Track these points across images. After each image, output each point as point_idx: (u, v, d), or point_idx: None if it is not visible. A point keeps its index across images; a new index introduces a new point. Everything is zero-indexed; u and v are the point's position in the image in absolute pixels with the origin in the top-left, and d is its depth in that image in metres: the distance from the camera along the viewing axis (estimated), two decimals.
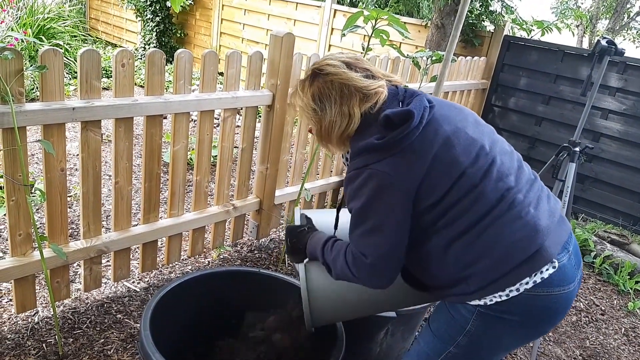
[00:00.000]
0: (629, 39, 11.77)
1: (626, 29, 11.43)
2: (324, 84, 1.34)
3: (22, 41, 5.60)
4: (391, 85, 1.39)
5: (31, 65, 1.83)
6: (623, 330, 2.96)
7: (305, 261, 1.55)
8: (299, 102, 1.41)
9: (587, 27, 10.90)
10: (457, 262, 1.26)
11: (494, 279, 1.23)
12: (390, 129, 1.24)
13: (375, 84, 1.33)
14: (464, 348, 1.32)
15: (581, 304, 3.16)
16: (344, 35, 2.38)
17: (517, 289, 1.23)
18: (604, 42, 2.33)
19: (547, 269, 1.23)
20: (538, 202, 1.29)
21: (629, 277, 3.44)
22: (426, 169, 1.22)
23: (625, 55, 2.52)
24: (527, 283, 1.22)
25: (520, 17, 5.04)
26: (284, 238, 1.66)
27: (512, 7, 5.04)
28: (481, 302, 1.26)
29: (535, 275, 1.23)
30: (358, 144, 1.31)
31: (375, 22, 2.38)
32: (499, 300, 1.25)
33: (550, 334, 2.79)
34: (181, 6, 7.28)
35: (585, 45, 10.98)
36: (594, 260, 3.60)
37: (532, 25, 5.12)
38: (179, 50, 2.27)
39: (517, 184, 1.27)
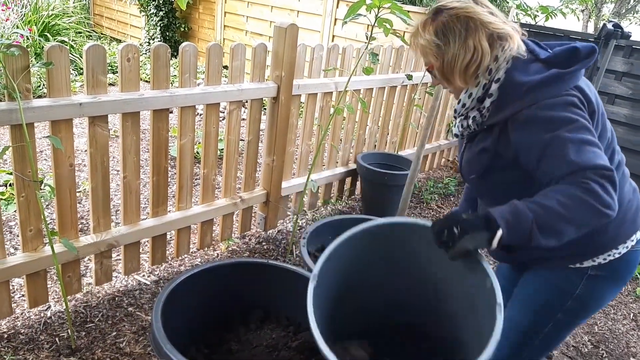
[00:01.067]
0: (635, 22, 11.63)
1: (632, 12, 11.29)
2: (448, 18, 1.30)
3: (28, 38, 5.62)
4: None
5: (37, 62, 1.84)
6: (632, 315, 2.96)
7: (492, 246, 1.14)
8: (420, 42, 1.35)
9: (592, 12, 10.77)
10: None
11: (617, 234, 1.33)
12: (575, 60, 1.26)
13: (501, 25, 1.29)
14: (571, 311, 1.41)
15: None
16: (345, 23, 2.37)
17: (627, 246, 1.35)
18: (610, 26, 2.31)
19: None
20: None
21: None
22: (594, 106, 1.27)
23: (631, 38, 2.50)
24: (633, 240, 1.36)
25: (525, 3, 4.99)
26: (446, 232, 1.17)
27: None
28: (595, 263, 1.35)
29: (638, 233, 1.37)
30: (529, 79, 1.24)
31: (378, 10, 2.37)
32: (612, 258, 1.35)
33: None
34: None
35: (591, 29, 10.86)
36: None
37: (537, 11, 5.07)
38: (183, 44, 2.27)
39: (623, 161, 1.41)
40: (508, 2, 4.88)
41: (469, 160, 1.45)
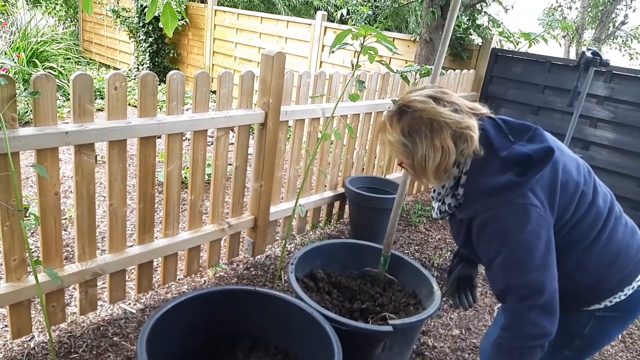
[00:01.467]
0: (615, 48, 11.94)
1: (612, 38, 11.60)
2: (412, 120, 1.33)
3: (16, 64, 5.62)
4: (487, 117, 1.41)
5: (25, 89, 1.84)
6: (620, 337, 2.97)
7: None
8: (388, 137, 1.39)
9: (573, 38, 11.05)
10: (594, 268, 1.36)
11: (620, 279, 1.36)
12: (528, 167, 1.26)
13: (466, 121, 1.32)
14: (578, 349, 1.46)
15: None
16: (332, 52, 2.42)
17: (633, 287, 1.38)
18: (588, 54, 2.38)
19: None
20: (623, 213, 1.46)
21: None
22: (558, 195, 1.29)
23: (610, 64, 2.57)
24: (638, 280, 1.38)
25: (507, 30, 5.12)
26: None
27: (498, 21, 5.12)
28: (602, 306, 1.39)
29: None
30: (487, 182, 1.29)
31: (364, 39, 2.42)
32: (618, 300, 1.38)
33: None
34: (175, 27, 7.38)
35: (573, 55, 11.12)
36: None
37: (519, 38, 5.20)
38: (171, 72, 2.29)
39: (607, 192, 1.43)
40: (491, 30, 5.00)
41: (452, 231, 1.55)
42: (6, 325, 2.26)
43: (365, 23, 5.43)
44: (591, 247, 1.35)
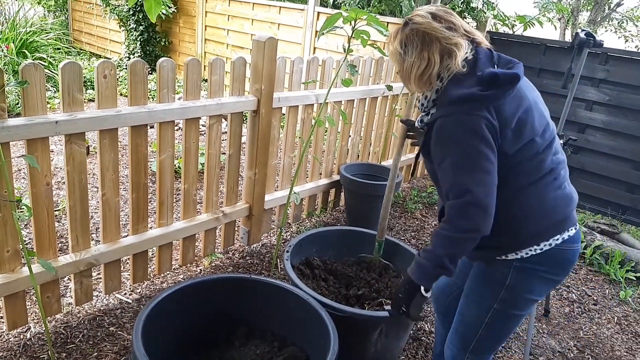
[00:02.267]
0: (611, 30, 11.90)
1: (607, 20, 11.55)
2: (410, 32, 1.50)
3: (5, 56, 5.55)
4: (485, 48, 1.54)
5: (14, 80, 1.82)
6: (616, 319, 2.99)
7: (424, 291, 1.51)
8: (390, 47, 1.57)
9: (568, 20, 11.00)
10: (515, 216, 1.48)
11: (537, 232, 1.48)
12: (494, 86, 1.39)
13: (455, 38, 1.47)
14: (506, 301, 1.55)
15: (573, 295, 3.18)
16: (322, 34, 2.39)
17: (550, 244, 1.49)
18: (582, 35, 2.36)
19: (571, 230, 1.53)
20: (568, 177, 1.58)
21: (619, 266, 3.48)
22: (513, 124, 1.41)
23: (604, 46, 2.55)
24: (557, 239, 1.50)
25: (502, 13, 5.08)
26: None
27: (493, 3, 5.08)
28: (518, 256, 1.50)
29: (564, 233, 1.50)
30: (456, 92, 1.42)
31: (355, 22, 2.39)
32: (533, 253, 1.49)
33: (544, 325, 2.81)
34: (164, 14, 7.29)
35: (568, 37, 11.07)
36: (585, 250, 3.63)
37: (514, 20, 5.17)
38: (161, 60, 2.26)
39: (563, 161, 1.55)
40: (485, 13, 4.96)
41: (425, 166, 1.67)
42: (1, 317, 2.25)
43: (358, 7, 5.37)
44: (520, 192, 1.47)
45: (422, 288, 1.50)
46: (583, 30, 2.39)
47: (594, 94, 4.22)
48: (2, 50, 5.63)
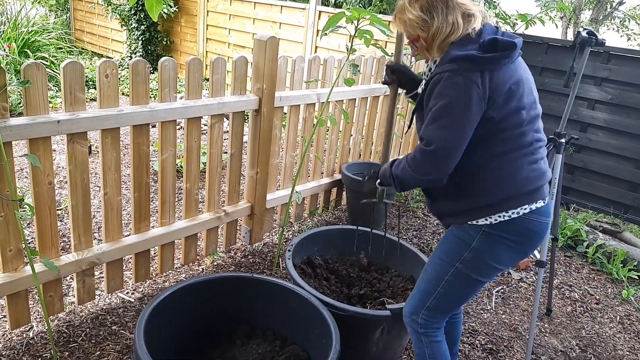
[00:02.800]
0: (613, 29, 11.87)
1: (609, 18, 11.53)
2: None
3: (7, 55, 5.56)
4: (491, 24, 1.60)
5: (17, 79, 1.82)
6: (618, 318, 2.98)
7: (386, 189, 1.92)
8: (408, 16, 1.60)
9: (570, 19, 10.98)
10: (487, 180, 1.56)
11: (507, 197, 1.55)
12: (492, 50, 1.48)
13: (473, 8, 1.56)
14: (469, 262, 1.61)
15: (576, 294, 3.18)
16: (324, 34, 2.39)
17: (517, 212, 1.55)
18: (584, 34, 2.35)
19: (540, 202, 1.59)
20: (544, 160, 1.65)
21: (622, 265, 3.47)
22: (502, 93, 1.49)
23: (606, 45, 2.54)
24: (525, 209, 1.56)
25: (504, 12, 5.07)
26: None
27: (494, 2, 5.07)
28: (487, 222, 1.57)
29: (532, 204, 1.57)
30: (457, 52, 1.50)
31: (358, 22, 2.39)
32: (502, 220, 1.56)
33: (546, 325, 2.81)
34: (166, 13, 7.29)
35: (570, 36, 11.05)
36: (587, 250, 3.63)
37: (516, 19, 5.15)
38: (162, 59, 2.27)
39: (542, 140, 1.63)
40: (487, 11, 4.95)
41: (416, 127, 1.72)
42: (4, 316, 2.26)
43: (359, 6, 5.36)
44: (497, 157, 1.54)
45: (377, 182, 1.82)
46: (585, 29, 2.38)
47: (596, 92, 4.21)
48: (4, 49, 5.64)
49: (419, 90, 1.76)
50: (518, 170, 1.56)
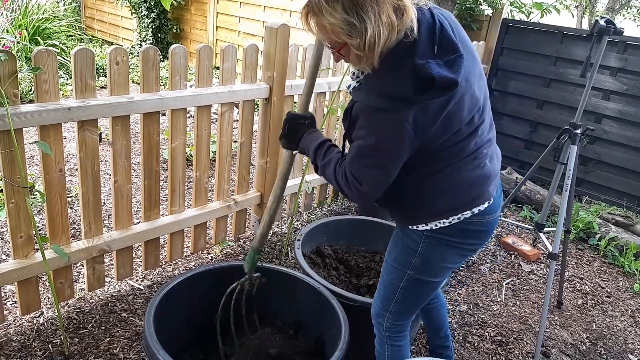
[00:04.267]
0: (629, 18, 11.65)
1: (626, 7, 11.32)
2: None
3: (18, 42, 5.58)
4: (428, 14, 1.32)
5: (28, 66, 1.82)
6: (629, 312, 2.95)
7: (294, 152, 1.74)
8: (327, 20, 1.25)
9: (586, 8, 10.79)
10: (425, 192, 1.47)
11: (445, 210, 1.47)
12: (429, 89, 1.23)
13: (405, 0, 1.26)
14: (418, 268, 1.56)
15: (587, 286, 3.15)
16: None
17: (458, 218, 1.48)
18: (602, 22, 2.30)
19: (482, 205, 1.49)
20: (493, 153, 1.53)
21: (634, 258, 3.43)
22: (439, 122, 1.32)
23: (624, 34, 2.48)
24: (466, 214, 1.48)
25: (518, 0, 4.99)
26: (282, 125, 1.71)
27: None
28: (428, 227, 1.49)
29: (474, 209, 1.48)
30: (387, 87, 1.28)
31: None
32: (442, 225, 1.49)
33: (556, 317, 2.79)
34: (176, 1, 7.26)
35: (585, 26, 10.88)
36: (599, 242, 3.59)
37: (530, 8, 5.07)
38: (173, 46, 2.25)
39: (488, 140, 1.49)
40: (501, 0, 4.87)
41: (344, 126, 1.61)
42: (15, 302, 2.28)
43: None
44: (435, 174, 1.44)
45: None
46: (603, 17, 2.33)
47: (612, 83, 4.14)
48: (15, 37, 5.65)
49: (350, 92, 1.50)
50: (458, 182, 1.45)
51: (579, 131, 2.46)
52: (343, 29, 1.24)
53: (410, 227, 1.53)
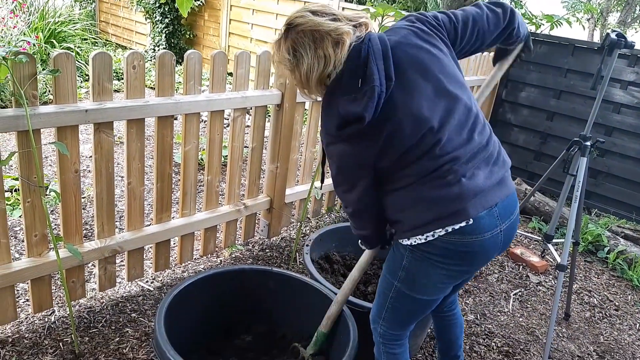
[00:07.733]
0: None
1: (638, 21, 11.29)
2: (296, 36, 1.43)
3: (34, 45, 5.67)
4: (356, 39, 1.43)
5: (43, 69, 1.86)
6: (637, 325, 2.94)
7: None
8: (275, 59, 1.53)
9: (598, 20, 10.77)
10: (391, 208, 1.53)
11: (415, 226, 1.48)
12: (348, 124, 1.40)
13: (342, 28, 1.41)
14: (404, 282, 1.58)
15: (595, 299, 3.14)
16: None
17: (433, 235, 1.46)
18: (613, 35, 2.31)
19: (459, 224, 1.44)
20: (477, 169, 1.47)
21: None
22: (379, 148, 1.43)
23: (635, 48, 2.49)
24: (439, 232, 1.45)
25: (530, 12, 5.00)
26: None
27: (521, 2, 5.01)
28: (408, 242, 1.51)
29: (448, 227, 1.44)
30: (324, 124, 1.47)
31: (382, 18, 2.38)
32: (419, 242, 1.49)
33: (563, 329, 2.78)
34: (191, 8, 7.35)
35: (597, 38, 10.85)
36: (608, 255, 3.57)
37: (541, 20, 5.08)
38: (188, 51, 2.29)
39: (459, 156, 1.45)
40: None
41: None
42: (28, 300, 2.31)
43: (384, 3, 5.34)
44: (393, 193, 1.50)
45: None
46: (614, 30, 2.34)
47: (622, 96, 4.14)
48: (32, 39, 5.74)
49: None
50: (418, 199, 1.46)
51: (588, 143, 2.47)
52: (286, 66, 1.49)
53: (399, 240, 1.56)
